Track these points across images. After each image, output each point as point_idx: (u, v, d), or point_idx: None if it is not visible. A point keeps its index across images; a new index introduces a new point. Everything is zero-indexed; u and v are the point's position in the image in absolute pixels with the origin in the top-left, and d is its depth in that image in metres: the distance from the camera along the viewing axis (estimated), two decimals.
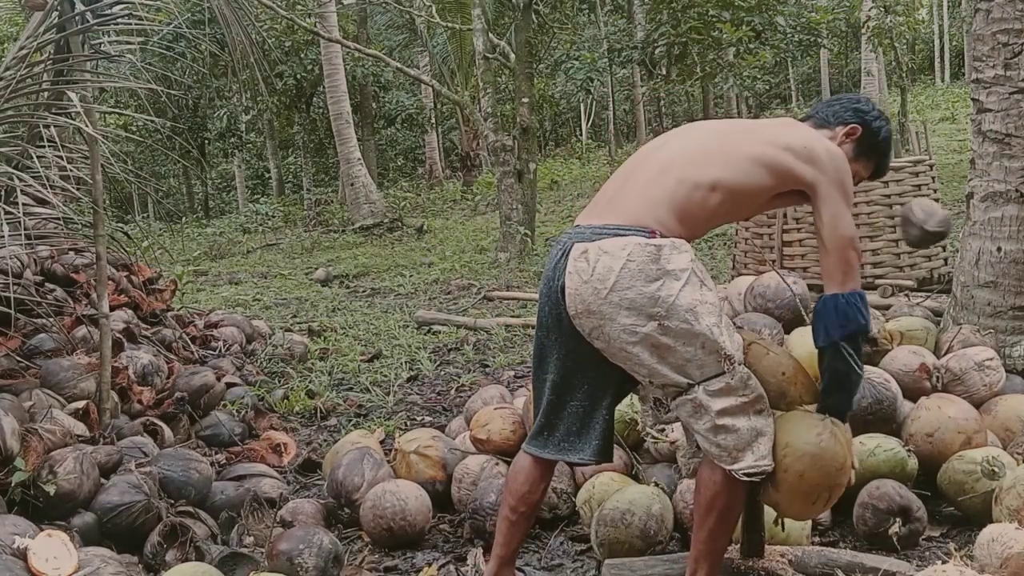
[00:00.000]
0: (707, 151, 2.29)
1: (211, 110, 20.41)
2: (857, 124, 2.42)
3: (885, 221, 5.47)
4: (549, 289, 2.29)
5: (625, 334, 2.15)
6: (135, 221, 12.24)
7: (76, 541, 2.68)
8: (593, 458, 2.38)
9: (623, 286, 2.13)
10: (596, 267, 2.16)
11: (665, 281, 2.13)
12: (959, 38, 27.01)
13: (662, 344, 2.14)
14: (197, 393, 4.13)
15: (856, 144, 2.42)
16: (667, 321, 2.12)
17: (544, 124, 23.76)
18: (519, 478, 2.46)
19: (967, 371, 3.26)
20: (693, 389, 2.16)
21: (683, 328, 2.12)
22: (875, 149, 2.45)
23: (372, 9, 18.21)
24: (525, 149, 10.08)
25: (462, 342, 6.08)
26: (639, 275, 2.13)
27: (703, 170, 2.24)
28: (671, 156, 2.31)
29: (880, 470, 2.87)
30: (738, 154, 2.27)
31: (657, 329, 2.12)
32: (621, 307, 2.14)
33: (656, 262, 2.13)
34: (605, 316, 2.16)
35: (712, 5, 10.21)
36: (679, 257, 2.15)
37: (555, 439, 2.42)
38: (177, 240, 15.11)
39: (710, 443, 2.19)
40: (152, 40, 5.00)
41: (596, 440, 2.37)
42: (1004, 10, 3.63)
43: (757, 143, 2.29)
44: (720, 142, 2.32)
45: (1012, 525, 2.42)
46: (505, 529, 2.48)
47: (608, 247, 2.17)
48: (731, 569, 2.52)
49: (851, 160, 2.38)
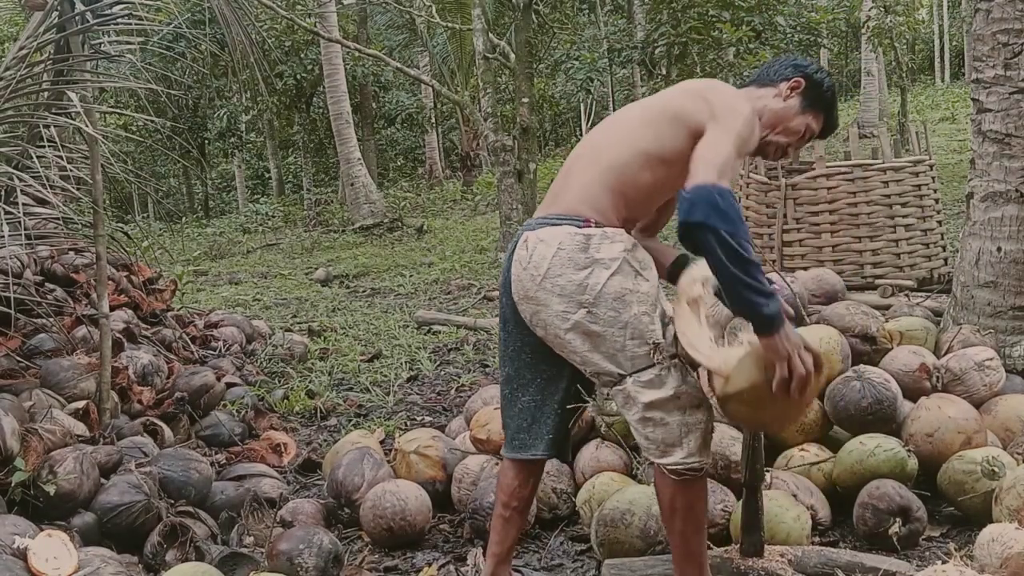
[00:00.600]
0: (629, 129, 2.32)
1: (211, 110, 20.40)
2: (800, 77, 2.41)
3: (885, 221, 5.47)
4: (505, 279, 2.35)
5: (558, 320, 2.20)
6: (135, 221, 12.24)
7: (76, 541, 2.69)
8: (546, 452, 2.42)
9: (555, 273, 2.18)
10: (533, 255, 2.22)
11: (594, 269, 2.16)
12: (959, 38, 27.01)
13: (592, 332, 2.17)
14: (197, 393, 4.13)
15: (802, 97, 2.40)
16: (595, 308, 2.16)
17: (544, 124, 23.75)
18: (508, 475, 2.49)
19: (967, 371, 3.26)
20: (624, 380, 2.18)
21: (610, 316, 2.15)
22: (821, 100, 2.42)
23: (372, 9, 18.21)
24: (525, 149, 10.08)
25: (462, 342, 6.08)
26: (569, 263, 2.18)
27: (629, 148, 2.26)
28: (600, 144, 2.34)
29: (880, 470, 2.87)
30: (655, 121, 2.27)
31: (586, 316, 2.16)
32: (553, 293, 2.19)
33: (585, 251, 2.18)
34: (540, 302, 2.22)
35: (712, 5, 10.20)
36: (610, 247, 2.18)
37: (508, 436, 2.47)
38: (177, 240, 15.11)
39: (639, 435, 2.22)
40: (152, 40, 5.00)
41: (548, 434, 2.40)
42: (1004, 10, 3.63)
43: (668, 104, 2.30)
44: (640, 115, 2.34)
45: (1012, 525, 2.42)
46: (500, 527, 2.50)
47: (544, 235, 2.23)
48: (731, 569, 2.52)
49: (798, 113, 2.38)
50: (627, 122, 2.36)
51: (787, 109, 2.38)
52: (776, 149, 2.41)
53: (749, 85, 2.49)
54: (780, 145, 2.40)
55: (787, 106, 2.39)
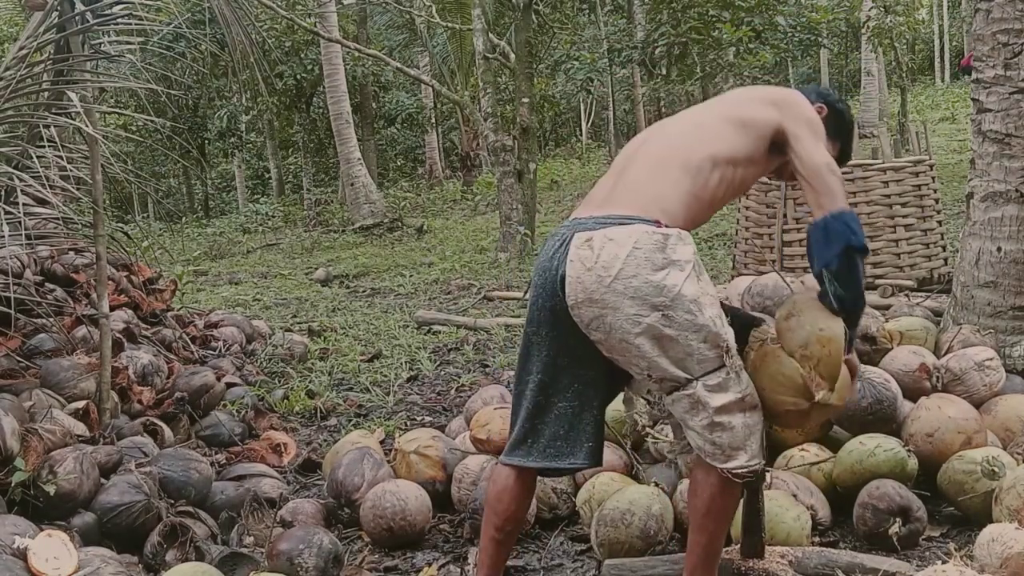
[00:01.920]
0: (694, 133, 2.33)
1: (211, 110, 20.40)
2: (822, 104, 2.45)
3: (885, 221, 5.47)
4: (545, 280, 2.23)
5: (628, 323, 2.10)
6: (135, 221, 12.24)
7: (76, 541, 2.68)
8: (587, 462, 2.32)
9: (628, 274, 2.09)
10: (601, 254, 2.12)
11: (671, 271, 2.10)
12: (959, 38, 27.01)
13: (665, 335, 2.10)
14: (197, 393, 4.13)
15: (825, 123, 2.42)
16: (671, 311, 2.09)
17: (544, 124, 23.74)
18: (504, 498, 2.37)
19: (967, 371, 3.26)
20: (691, 384, 2.13)
21: (687, 319, 2.09)
22: (840, 130, 2.49)
23: (372, 9, 18.20)
24: (525, 149, 10.08)
25: (462, 342, 6.08)
26: (645, 263, 2.09)
27: (699, 152, 2.26)
28: (665, 147, 2.33)
29: (880, 470, 2.87)
30: (718, 126, 2.32)
31: (661, 320, 2.09)
32: (625, 295, 2.09)
33: (663, 251, 2.11)
34: (608, 305, 2.11)
35: (712, 5, 10.20)
36: (684, 248, 2.14)
37: (540, 445, 2.34)
38: (177, 240, 15.11)
39: (705, 440, 2.16)
40: (152, 40, 4.99)
41: (588, 442, 2.31)
42: (1004, 10, 3.63)
43: (728, 109, 2.37)
44: (702, 120, 2.38)
45: (1012, 525, 2.42)
46: (492, 549, 2.41)
47: (614, 235, 2.13)
48: (731, 570, 2.52)
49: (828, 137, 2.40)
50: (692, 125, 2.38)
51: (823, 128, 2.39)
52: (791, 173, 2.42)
53: None
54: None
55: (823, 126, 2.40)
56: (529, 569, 2.88)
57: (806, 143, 2.25)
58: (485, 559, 2.42)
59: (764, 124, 2.30)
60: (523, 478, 2.38)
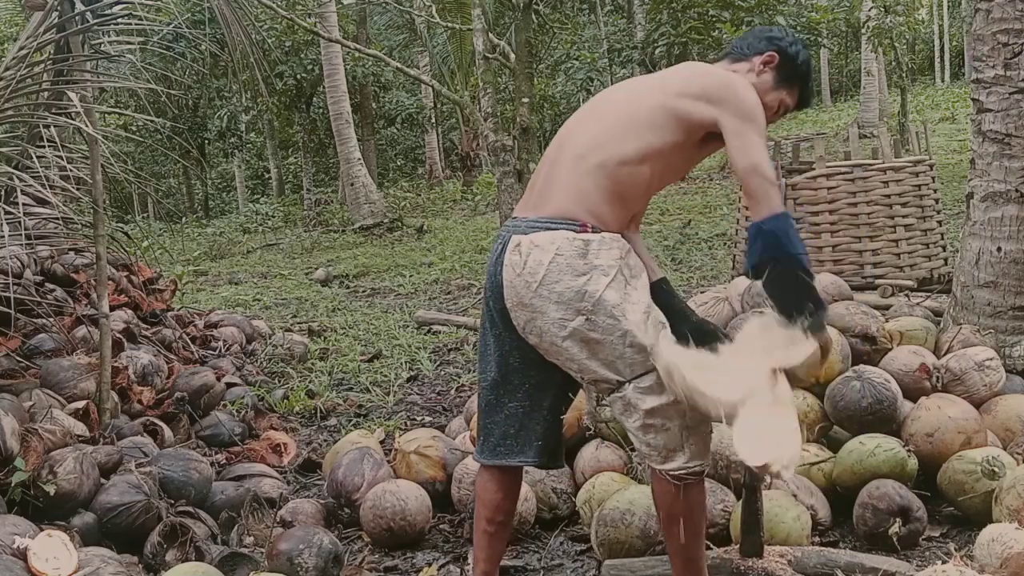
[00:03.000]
0: (617, 124, 2.24)
1: (211, 110, 20.41)
2: (773, 51, 2.35)
3: (885, 221, 5.47)
4: (491, 283, 2.26)
5: (555, 327, 2.14)
6: (135, 221, 12.24)
7: (76, 541, 2.68)
8: (537, 459, 2.34)
9: (552, 280, 2.13)
10: (527, 260, 2.16)
11: (592, 275, 2.12)
12: (959, 38, 27.01)
13: (591, 339, 2.13)
14: (197, 393, 4.13)
15: (776, 72, 2.35)
16: (594, 316, 2.11)
17: (544, 124, 23.74)
18: (490, 487, 2.40)
19: (967, 371, 3.26)
20: (623, 387, 2.15)
21: (609, 323, 2.11)
22: (795, 74, 2.37)
23: (372, 9, 18.20)
24: (525, 149, 10.07)
25: (462, 342, 6.07)
26: (567, 269, 2.12)
27: (620, 146, 2.20)
28: (586, 141, 2.26)
29: (880, 470, 2.87)
30: (645, 117, 2.23)
31: (585, 324, 2.12)
32: (550, 300, 2.13)
33: (584, 257, 2.13)
34: (536, 309, 2.16)
35: (712, 5, 10.21)
36: (608, 253, 2.14)
37: (491, 443, 2.37)
38: (177, 240, 15.10)
39: (640, 442, 2.18)
40: (152, 40, 4.99)
41: (537, 440, 2.33)
42: (1004, 10, 3.63)
43: (656, 97, 2.25)
44: (627, 110, 2.27)
45: (1012, 525, 2.42)
46: (485, 543, 2.42)
47: (539, 240, 2.16)
48: (731, 570, 2.52)
49: (772, 89, 2.33)
50: (615, 115, 2.27)
51: (760, 84, 2.32)
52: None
53: (722, 59, 2.43)
54: None
55: (760, 81, 2.33)
56: (529, 569, 2.88)
57: (736, 141, 2.14)
58: (479, 554, 2.43)
59: (698, 121, 2.20)
60: (501, 472, 2.40)
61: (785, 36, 2.40)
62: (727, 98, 2.18)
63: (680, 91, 2.24)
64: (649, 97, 2.26)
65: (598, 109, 2.35)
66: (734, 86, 2.22)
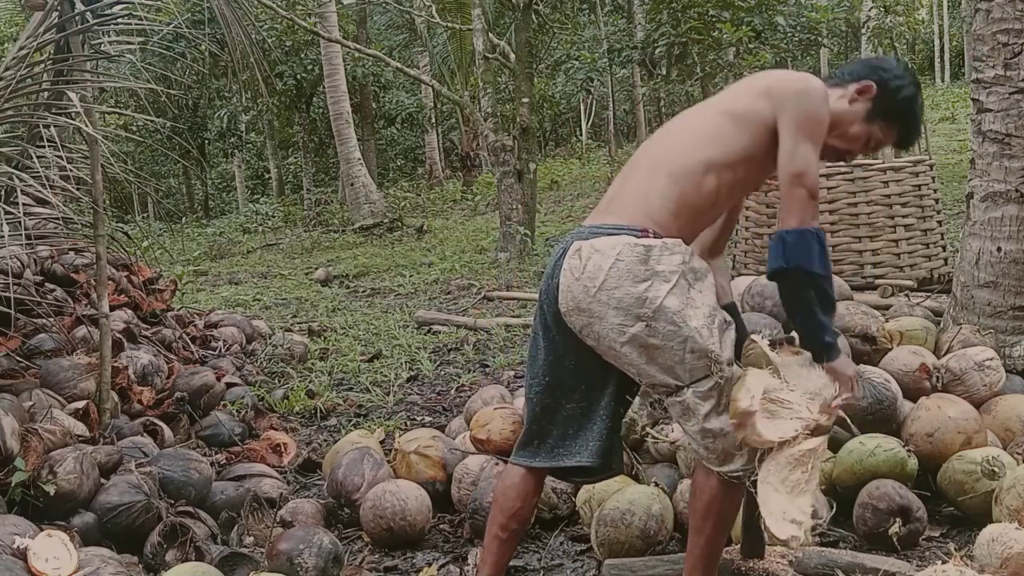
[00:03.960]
0: (690, 135, 2.26)
1: (211, 110, 20.41)
2: (872, 82, 2.25)
3: (885, 221, 5.47)
4: (547, 287, 2.27)
5: (614, 333, 2.14)
6: (135, 221, 12.23)
7: (76, 541, 2.68)
8: (592, 459, 2.31)
9: (611, 285, 2.12)
10: (587, 265, 2.15)
11: (653, 282, 2.11)
12: (959, 38, 27.00)
13: (650, 344, 2.12)
14: (197, 393, 4.13)
15: (872, 103, 2.26)
16: (654, 322, 2.10)
17: (544, 124, 23.75)
18: (510, 494, 2.39)
19: (967, 371, 3.26)
20: (682, 391, 2.14)
21: (670, 330, 2.10)
22: (893, 110, 2.27)
23: (372, 9, 18.20)
24: (525, 149, 10.07)
25: (462, 342, 6.07)
26: (627, 275, 2.11)
27: (690, 156, 2.20)
28: (658, 152, 2.28)
29: (880, 470, 2.87)
30: (710, 127, 2.23)
31: (645, 330, 2.11)
32: (609, 306, 2.12)
33: (645, 263, 2.12)
34: (594, 314, 2.15)
35: (712, 5, 10.19)
36: (669, 259, 2.13)
37: (547, 445, 2.37)
38: (177, 240, 15.10)
39: (699, 445, 2.18)
40: (152, 40, 4.99)
41: (594, 441, 2.31)
42: (1004, 10, 3.63)
43: (722, 106, 2.26)
44: (694, 123, 2.29)
45: (1012, 525, 2.42)
46: (496, 548, 2.41)
47: (600, 245, 2.16)
48: (731, 570, 2.52)
49: (863, 120, 2.26)
50: (687, 128, 2.29)
51: (850, 113, 2.26)
52: (831, 152, 2.30)
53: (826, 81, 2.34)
54: (836, 149, 2.30)
55: (851, 110, 2.26)
56: (529, 569, 2.88)
57: (788, 144, 2.12)
58: (488, 557, 2.43)
59: (757, 118, 2.17)
60: (531, 477, 2.40)
61: (892, 69, 2.30)
62: (790, 98, 2.16)
63: (747, 91, 2.24)
64: (716, 107, 2.27)
65: (673, 126, 2.37)
66: (801, 89, 2.17)
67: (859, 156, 2.40)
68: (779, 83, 2.20)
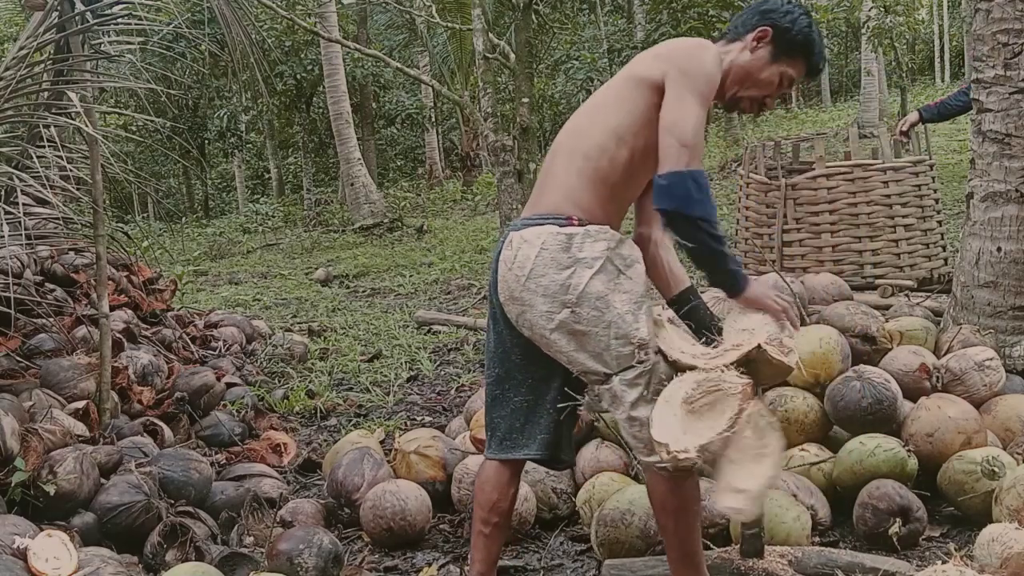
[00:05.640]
0: (596, 111, 2.30)
1: (211, 110, 20.40)
2: (766, 26, 2.30)
3: (885, 221, 5.47)
4: (492, 280, 2.34)
5: (543, 320, 2.19)
6: (135, 221, 12.22)
7: (76, 541, 2.68)
8: (540, 452, 2.35)
9: (538, 273, 2.18)
10: (517, 255, 2.22)
11: (576, 269, 2.16)
12: (959, 38, 26.98)
13: (576, 331, 2.16)
14: (197, 393, 4.13)
15: (772, 46, 2.30)
16: (578, 308, 2.15)
17: (544, 124, 23.74)
18: (486, 488, 2.41)
19: (967, 371, 3.26)
20: (610, 379, 2.16)
21: (593, 315, 2.14)
22: (794, 45, 2.30)
23: (372, 9, 18.19)
24: (525, 149, 10.06)
25: (462, 342, 6.08)
26: (552, 263, 2.17)
27: (600, 130, 2.24)
28: (573, 133, 2.32)
29: (880, 470, 2.87)
30: (612, 98, 2.28)
31: (570, 316, 2.15)
32: (537, 294, 2.18)
33: (567, 250, 2.17)
34: (525, 303, 2.21)
35: (712, 5, 10.20)
36: (592, 245, 2.17)
37: (497, 437, 2.40)
38: (177, 240, 15.10)
39: (628, 434, 2.20)
40: (152, 40, 5.00)
41: (541, 434, 2.34)
42: (1004, 10, 3.63)
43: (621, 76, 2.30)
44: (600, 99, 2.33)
45: (1012, 525, 2.42)
46: (481, 544, 2.42)
47: (528, 236, 2.22)
48: (731, 570, 2.52)
49: (769, 63, 2.29)
50: (593, 106, 2.34)
51: (755, 61, 2.30)
52: (751, 103, 2.35)
53: (719, 40, 2.40)
54: (754, 99, 2.34)
55: (755, 58, 2.30)
56: (529, 569, 2.88)
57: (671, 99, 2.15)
58: (475, 554, 2.44)
59: (651, 80, 2.20)
60: (504, 469, 2.42)
61: (779, 7, 2.33)
62: (676, 57, 2.21)
63: (642, 58, 2.29)
64: (620, 76, 2.31)
65: (586, 104, 2.41)
66: (688, 48, 2.24)
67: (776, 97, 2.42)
68: (671, 46, 2.28)
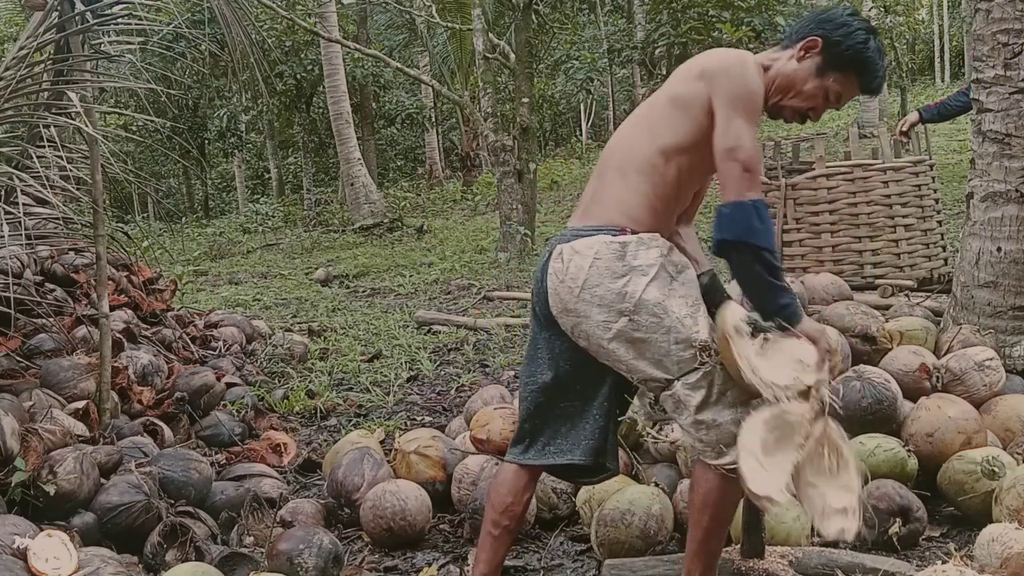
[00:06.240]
0: (644, 128, 2.29)
1: (211, 110, 20.41)
2: (816, 36, 2.24)
3: (885, 221, 5.47)
4: (537, 289, 2.33)
5: (600, 330, 2.18)
6: (135, 221, 12.23)
7: (76, 541, 2.68)
8: (584, 457, 2.33)
9: (593, 284, 2.17)
10: (569, 267, 2.21)
11: (632, 277, 2.15)
12: (959, 38, 26.98)
13: (635, 338, 2.15)
14: (197, 393, 4.12)
15: (820, 58, 2.24)
16: (636, 316, 2.14)
17: (544, 124, 23.74)
18: (501, 490, 2.41)
19: (967, 371, 3.26)
20: (672, 384, 2.16)
21: (652, 322, 2.14)
22: (843, 60, 2.24)
23: (372, 9, 18.20)
24: (525, 149, 10.07)
25: (462, 342, 6.07)
26: (606, 272, 2.17)
27: (649, 149, 2.24)
28: (622, 149, 2.31)
29: (880, 470, 2.87)
30: (659, 115, 2.27)
31: (628, 324, 2.15)
32: (593, 304, 2.17)
33: (622, 259, 2.17)
34: (580, 314, 2.20)
35: (712, 5, 10.20)
36: (646, 253, 2.17)
37: (539, 443, 2.39)
38: (177, 240, 15.10)
39: (693, 438, 2.18)
40: (152, 40, 5.00)
41: (587, 439, 2.33)
42: (1004, 10, 3.63)
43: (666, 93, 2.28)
44: (649, 112, 2.32)
45: (1012, 525, 2.42)
46: (488, 545, 2.42)
47: (579, 247, 2.22)
48: (731, 570, 2.52)
49: (814, 76, 2.24)
50: (641, 122, 2.33)
51: (799, 72, 2.25)
52: (793, 113, 2.30)
53: (773, 47, 2.37)
54: (797, 109, 2.29)
55: (799, 68, 2.25)
56: (529, 569, 2.88)
57: (722, 122, 2.14)
58: (481, 555, 2.44)
59: (697, 100, 2.19)
60: (523, 474, 2.42)
61: (836, 19, 2.26)
62: (719, 77, 2.18)
63: (683, 76, 2.26)
64: (663, 96, 2.29)
65: (631, 120, 2.39)
66: (730, 65, 2.20)
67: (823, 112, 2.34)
68: (711, 63, 2.22)
